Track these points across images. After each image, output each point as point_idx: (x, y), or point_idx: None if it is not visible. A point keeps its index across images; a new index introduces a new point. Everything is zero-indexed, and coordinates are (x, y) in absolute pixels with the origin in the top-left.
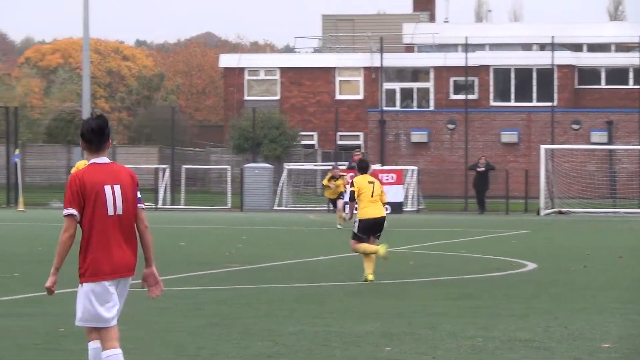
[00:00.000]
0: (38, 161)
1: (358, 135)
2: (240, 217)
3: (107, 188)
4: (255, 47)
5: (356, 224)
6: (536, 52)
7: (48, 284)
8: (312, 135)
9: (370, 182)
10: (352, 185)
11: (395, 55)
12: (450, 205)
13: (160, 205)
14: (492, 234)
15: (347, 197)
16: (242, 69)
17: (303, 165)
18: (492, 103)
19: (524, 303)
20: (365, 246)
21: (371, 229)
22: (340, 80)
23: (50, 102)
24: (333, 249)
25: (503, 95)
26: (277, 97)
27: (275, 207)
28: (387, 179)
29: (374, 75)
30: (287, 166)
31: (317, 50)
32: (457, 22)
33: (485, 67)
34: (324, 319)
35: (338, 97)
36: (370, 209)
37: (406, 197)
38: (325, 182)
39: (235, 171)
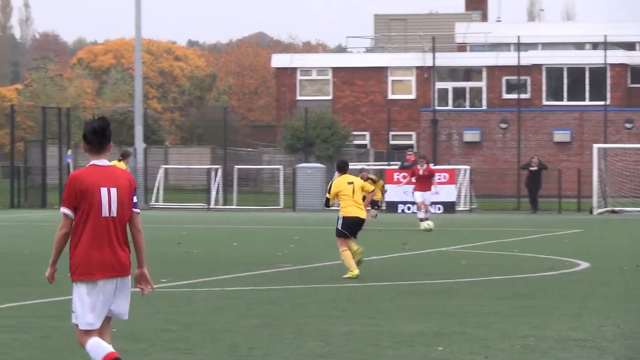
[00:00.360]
0: (87, 162)
1: (410, 135)
2: (293, 217)
3: (104, 190)
4: (308, 47)
5: (340, 221)
6: (589, 51)
7: (47, 274)
8: (365, 135)
9: (349, 183)
10: (328, 190)
11: (448, 55)
12: (502, 204)
13: (212, 206)
14: (544, 234)
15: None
16: (294, 69)
17: (356, 165)
18: (545, 102)
19: (576, 302)
20: (350, 244)
21: (353, 227)
22: (393, 80)
23: (103, 103)
24: (384, 249)
25: (555, 94)
26: (330, 97)
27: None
28: (439, 179)
29: (426, 75)
30: None
31: (369, 50)
32: (509, 21)
33: (538, 66)
34: (375, 319)
35: (390, 96)
36: (353, 208)
37: (458, 196)
38: None
39: (288, 171)
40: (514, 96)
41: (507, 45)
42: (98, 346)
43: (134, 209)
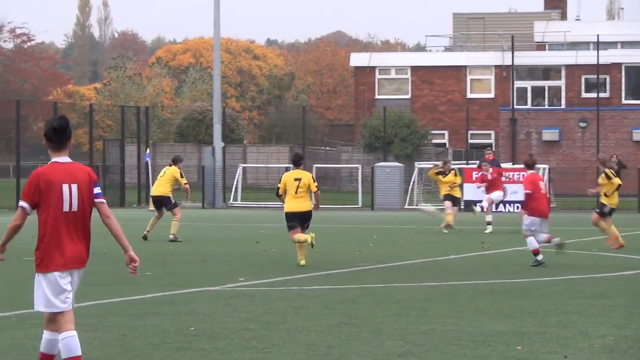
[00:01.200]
0: (168, 161)
1: (489, 134)
2: (371, 216)
3: (65, 186)
4: (386, 46)
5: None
6: None
7: None
8: (443, 134)
9: (296, 179)
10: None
11: (527, 54)
12: (582, 203)
13: None
14: (623, 233)
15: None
16: (372, 68)
17: (434, 164)
18: (624, 101)
19: None
20: (297, 236)
21: (297, 220)
22: (471, 79)
23: (181, 102)
24: (463, 248)
25: (635, 93)
26: (408, 96)
27: (406, 206)
28: (518, 177)
29: (505, 74)
30: (418, 165)
31: (448, 49)
32: (588, 19)
33: (617, 65)
34: (454, 318)
35: (469, 95)
36: (292, 204)
37: None
38: (431, 173)
39: (366, 170)
40: (592, 95)
41: (586, 44)
42: (50, 342)
43: (97, 200)
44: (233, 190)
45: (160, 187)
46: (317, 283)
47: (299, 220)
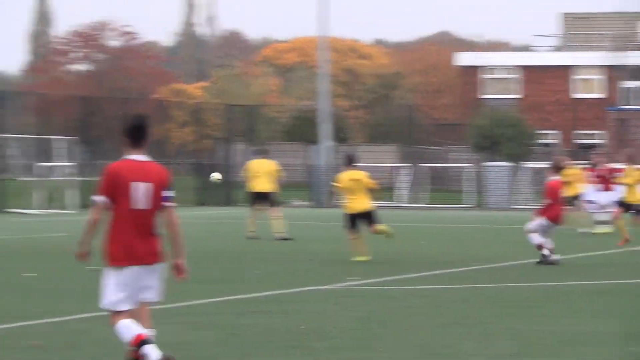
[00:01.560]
0: (276, 159)
1: (597, 134)
2: (480, 216)
3: (136, 184)
4: (492, 46)
5: (344, 216)
6: None
7: (77, 252)
8: (551, 134)
9: (353, 179)
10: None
11: (634, 54)
12: None
13: (399, 204)
14: None
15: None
16: (479, 68)
17: (541, 163)
18: None
19: None
20: (354, 243)
21: (359, 219)
22: (579, 79)
23: (288, 101)
24: (577, 248)
25: None
26: (515, 96)
27: (514, 206)
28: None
29: (613, 74)
30: (526, 165)
31: (555, 49)
32: None
33: None
34: (568, 318)
35: (576, 95)
36: (353, 204)
37: None
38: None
39: (475, 170)
40: None
41: None
42: (128, 328)
43: (166, 203)
44: None
45: (268, 183)
46: (428, 282)
47: (361, 219)
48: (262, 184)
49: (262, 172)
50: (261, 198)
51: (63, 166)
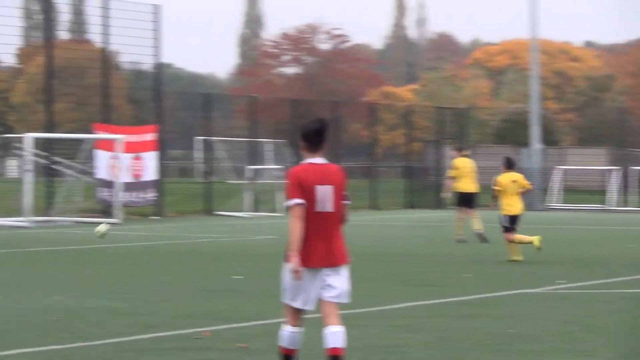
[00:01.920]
0: (485, 162)
1: None
2: None
3: (320, 187)
4: None
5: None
6: None
7: (294, 267)
8: None
9: (513, 181)
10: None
11: None
12: None
13: (609, 207)
14: None
15: None
16: None
17: None
18: None
19: None
20: (519, 237)
21: (514, 222)
22: None
23: (499, 103)
24: None
25: None
26: None
27: None
28: None
29: None
30: None
31: None
32: None
33: None
34: None
35: None
36: (510, 206)
37: None
38: None
39: None
40: None
41: None
42: (292, 336)
43: (344, 202)
44: (551, 192)
45: (472, 183)
46: (637, 286)
47: (516, 221)
48: (467, 184)
49: (467, 172)
50: (466, 199)
51: (272, 169)
